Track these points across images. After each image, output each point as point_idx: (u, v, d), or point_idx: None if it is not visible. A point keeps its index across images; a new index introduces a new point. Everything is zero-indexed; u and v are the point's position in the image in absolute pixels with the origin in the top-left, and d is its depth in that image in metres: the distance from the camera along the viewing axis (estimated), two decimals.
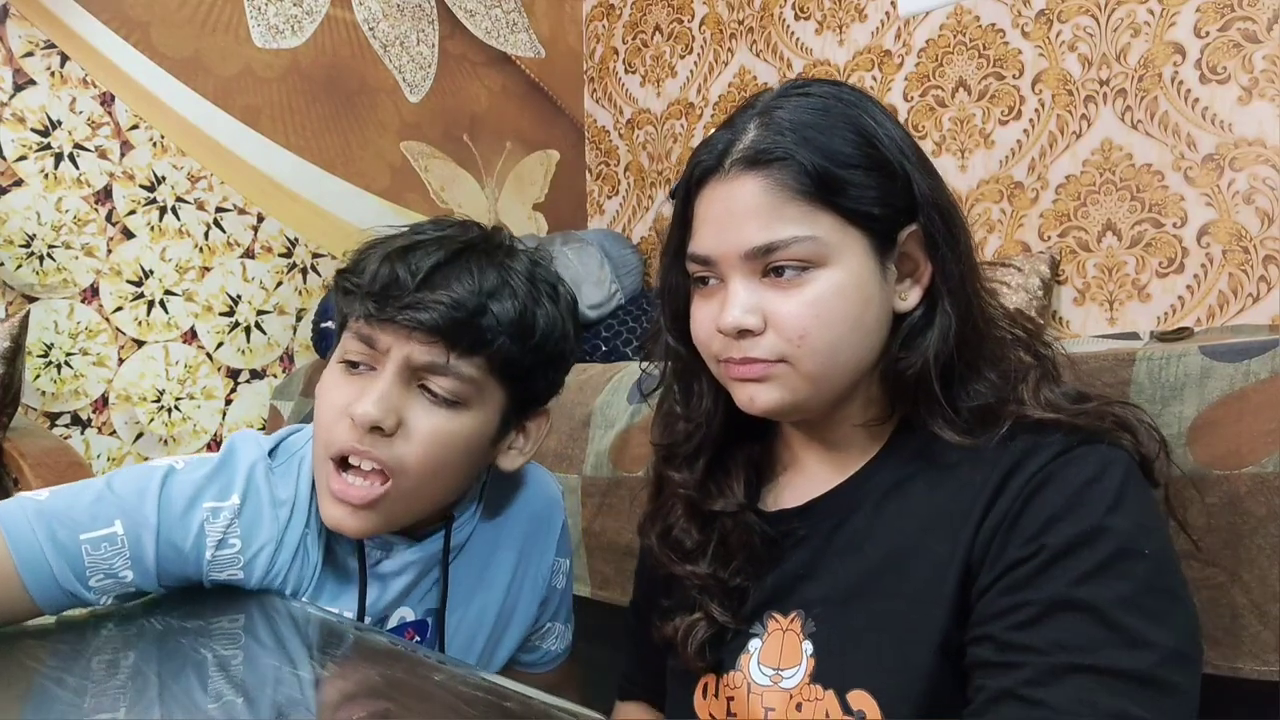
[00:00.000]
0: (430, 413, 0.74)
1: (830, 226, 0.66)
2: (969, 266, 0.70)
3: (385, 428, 0.72)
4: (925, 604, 0.64)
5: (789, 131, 0.67)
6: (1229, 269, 1.77)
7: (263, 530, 0.76)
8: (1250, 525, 0.80)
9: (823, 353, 0.67)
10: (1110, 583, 0.58)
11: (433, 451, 0.74)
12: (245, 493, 0.76)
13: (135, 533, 0.71)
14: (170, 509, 0.73)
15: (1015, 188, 2.05)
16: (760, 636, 0.73)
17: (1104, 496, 0.60)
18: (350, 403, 0.73)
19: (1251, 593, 0.79)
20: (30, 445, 1.60)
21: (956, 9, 2.13)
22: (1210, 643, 0.81)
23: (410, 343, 0.72)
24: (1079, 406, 0.66)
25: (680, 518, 0.77)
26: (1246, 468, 0.80)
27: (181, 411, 2.20)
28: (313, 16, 2.41)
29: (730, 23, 2.56)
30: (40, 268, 2.03)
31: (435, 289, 0.72)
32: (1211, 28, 1.78)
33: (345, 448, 0.73)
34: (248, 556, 0.76)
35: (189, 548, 0.73)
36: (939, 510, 0.66)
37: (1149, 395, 0.87)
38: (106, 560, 0.70)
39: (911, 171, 0.68)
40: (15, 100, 2.00)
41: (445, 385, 0.73)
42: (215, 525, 0.74)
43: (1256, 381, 0.83)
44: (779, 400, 0.68)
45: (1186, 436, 0.84)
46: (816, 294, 0.66)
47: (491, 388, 0.76)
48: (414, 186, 2.59)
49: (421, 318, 0.71)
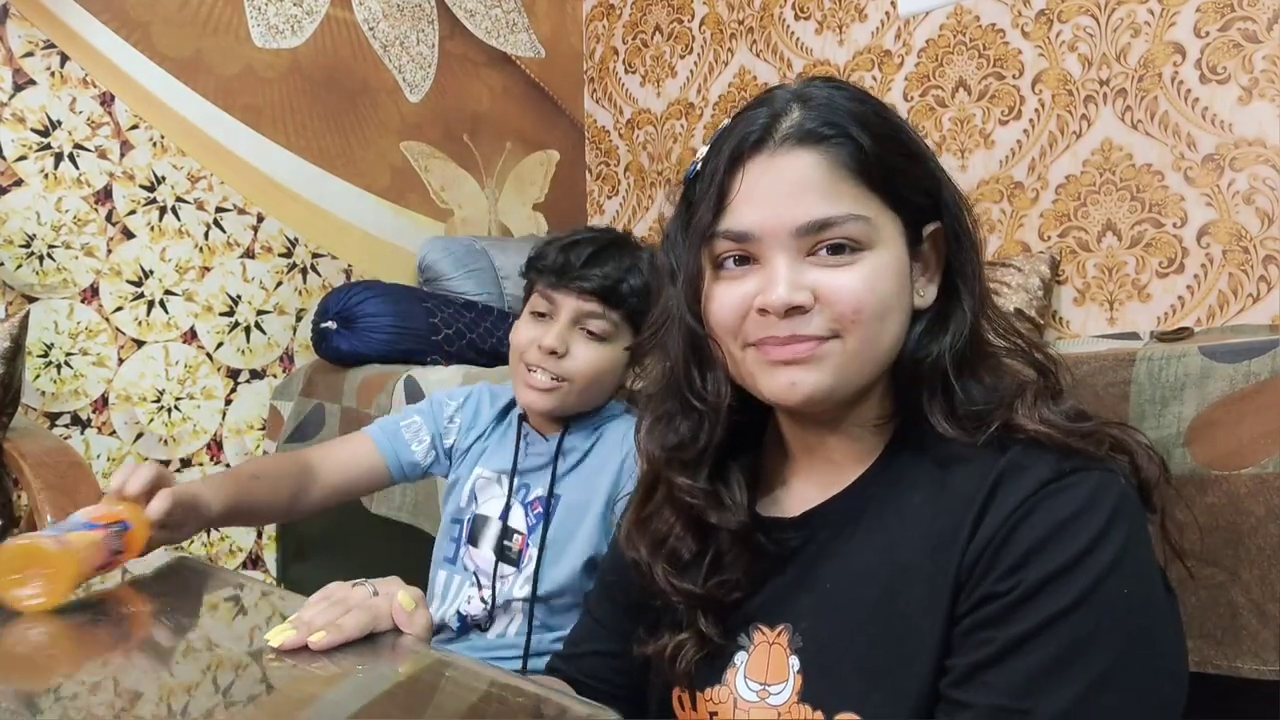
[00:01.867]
0: (587, 344, 1.14)
1: (879, 210, 0.66)
2: (981, 269, 0.70)
3: (559, 352, 1.13)
4: (917, 626, 0.63)
5: (841, 113, 0.66)
6: (1229, 269, 1.78)
7: (481, 418, 1.30)
8: (1250, 525, 0.80)
9: (872, 331, 0.66)
10: (1073, 624, 0.57)
11: (588, 368, 1.14)
12: (469, 397, 1.32)
13: (421, 416, 1.29)
14: (435, 406, 1.31)
15: (1015, 188, 2.05)
16: (747, 649, 0.71)
17: (1087, 530, 0.59)
18: (539, 337, 1.14)
19: (1251, 592, 0.80)
20: (30, 445, 1.60)
21: (956, 9, 2.13)
22: (1210, 642, 0.81)
23: (578, 300, 1.13)
24: (1075, 425, 0.64)
25: (677, 526, 0.74)
26: (1246, 468, 0.80)
27: (181, 411, 2.20)
28: (313, 16, 2.41)
29: (730, 23, 2.56)
30: (40, 268, 2.03)
31: (592, 267, 1.12)
32: (1211, 28, 1.78)
33: (533, 362, 1.14)
34: (467, 429, 1.29)
35: (444, 422, 1.29)
36: (930, 528, 0.65)
37: (1149, 395, 0.88)
38: (414, 433, 1.27)
39: (938, 170, 0.69)
40: (15, 100, 2.00)
41: (598, 326, 1.14)
42: (450, 410, 1.31)
43: (1256, 382, 0.83)
44: (822, 384, 0.66)
45: (1186, 437, 0.84)
46: (871, 271, 0.65)
47: (625, 331, 1.15)
48: (414, 186, 2.59)
49: (585, 285, 1.12)
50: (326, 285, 2.39)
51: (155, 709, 0.57)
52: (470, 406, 1.30)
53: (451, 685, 0.60)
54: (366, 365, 2.08)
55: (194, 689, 0.60)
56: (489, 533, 1.20)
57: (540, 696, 0.57)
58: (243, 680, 0.63)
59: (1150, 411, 0.87)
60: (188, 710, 0.57)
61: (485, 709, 0.56)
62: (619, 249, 1.16)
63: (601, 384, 1.17)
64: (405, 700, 0.60)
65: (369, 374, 2.02)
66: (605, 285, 1.12)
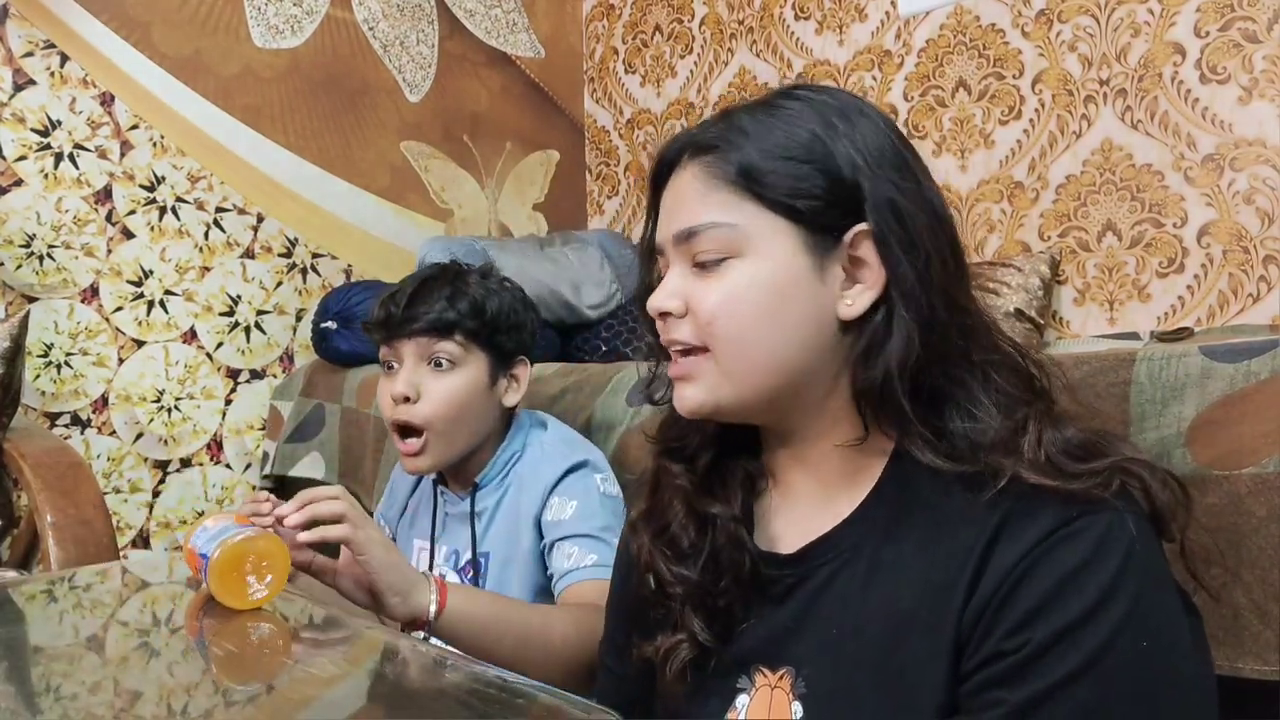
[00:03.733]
0: (439, 379, 1.17)
1: (753, 215, 0.66)
2: (941, 276, 0.65)
3: (411, 397, 1.16)
4: (918, 679, 0.61)
5: (732, 123, 0.68)
6: (1229, 269, 1.78)
7: (397, 496, 1.35)
8: (1251, 525, 0.80)
9: (733, 343, 0.67)
10: (1090, 686, 0.55)
11: (443, 403, 1.16)
12: (387, 490, 1.38)
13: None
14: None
15: (1015, 188, 2.05)
16: (748, 692, 0.70)
17: (1096, 583, 0.56)
18: (390, 388, 1.17)
19: (1252, 592, 0.79)
20: (30, 445, 1.59)
21: (956, 9, 2.13)
22: (1212, 642, 0.81)
23: (412, 341, 1.17)
24: (1083, 468, 0.60)
25: (679, 514, 0.75)
26: (1247, 468, 0.80)
27: (181, 411, 2.20)
28: (313, 16, 2.41)
29: (730, 23, 2.56)
30: (40, 268, 2.03)
31: (415, 307, 1.17)
32: (1211, 28, 1.78)
33: (394, 421, 1.17)
34: (393, 517, 1.34)
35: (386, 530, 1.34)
36: (928, 576, 0.62)
37: (1149, 395, 0.87)
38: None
39: (862, 172, 0.65)
40: (15, 100, 2.00)
41: (444, 353, 1.17)
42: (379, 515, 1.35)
43: (1256, 381, 0.83)
44: (701, 399, 0.68)
45: (1186, 437, 0.84)
46: (731, 283, 0.66)
47: (475, 351, 1.19)
48: (414, 186, 2.59)
49: (414, 326, 1.17)
50: (326, 285, 2.39)
51: (155, 709, 0.57)
52: (386, 497, 1.37)
53: (451, 685, 0.60)
54: (366, 365, 2.07)
55: (194, 689, 0.60)
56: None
57: (539, 697, 0.57)
58: (243, 680, 0.63)
59: (1150, 411, 0.87)
60: (187, 710, 0.57)
61: (484, 709, 0.56)
62: (437, 280, 1.19)
63: (467, 416, 1.18)
64: (404, 700, 0.60)
65: (369, 374, 2.02)
66: (431, 319, 1.16)
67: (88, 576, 0.99)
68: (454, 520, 1.24)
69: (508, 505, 1.20)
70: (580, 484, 1.18)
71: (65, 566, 1.32)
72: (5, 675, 0.63)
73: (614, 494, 1.20)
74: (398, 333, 1.17)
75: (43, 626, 0.78)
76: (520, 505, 1.18)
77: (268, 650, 0.70)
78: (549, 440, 1.24)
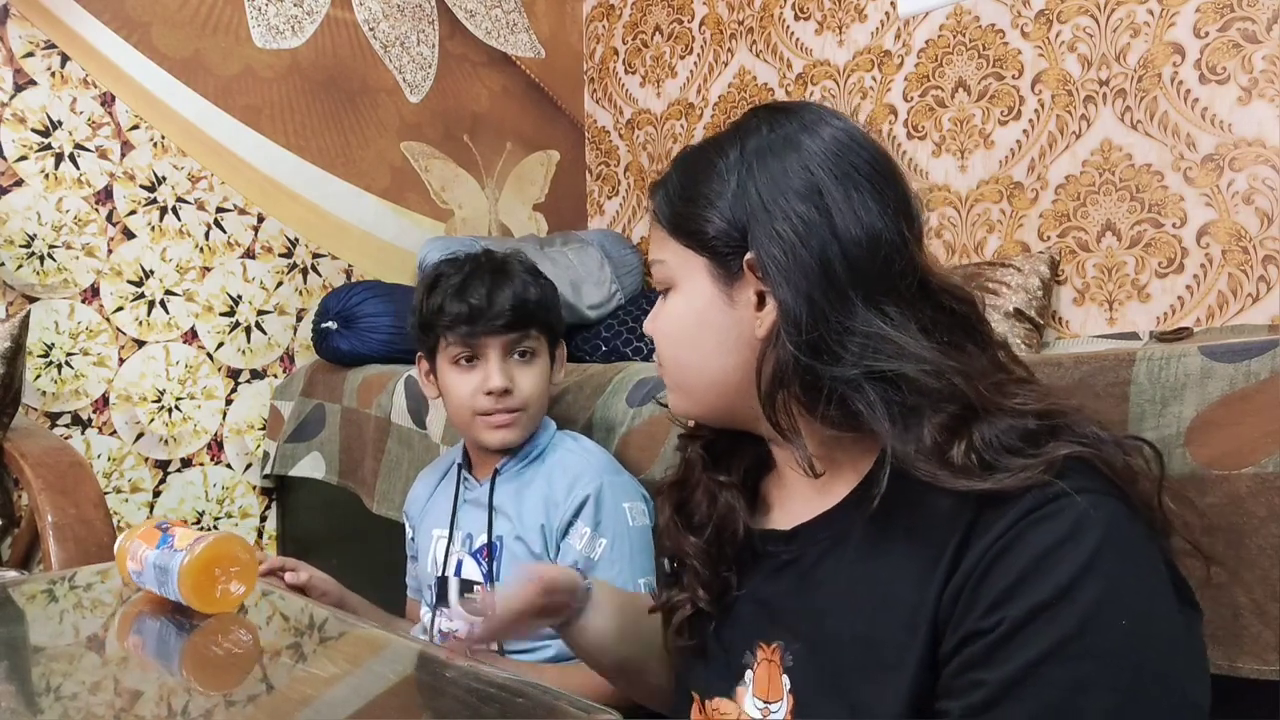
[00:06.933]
0: (525, 369, 1.23)
1: (675, 251, 0.74)
2: (826, 297, 0.65)
3: (511, 389, 1.21)
4: (894, 659, 0.62)
5: (673, 163, 0.77)
6: (1229, 269, 1.78)
7: (420, 491, 1.41)
8: (1251, 525, 0.80)
9: (669, 363, 0.77)
10: (1069, 664, 0.55)
11: (535, 391, 1.23)
12: (410, 499, 1.44)
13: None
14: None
15: (1015, 188, 2.05)
16: (752, 667, 0.73)
17: (1073, 559, 0.56)
18: (482, 383, 1.21)
19: (1252, 592, 0.79)
20: (30, 445, 1.60)
21: (956, 9, 2.13)
22: (1211, 642, 0.81)
23: (500, 336, 1.21)
24: (1022, 461, 0.60)
25: (696, 489, 0.81)
26: (1247, 468, 0.80)
27: (182, 411, 2.20)
28: (313, 17, 2.41)
29: (730, 23, 2.56)
30: (41, 268, 2.03)
31: (496, 302, 1.20)
32: (1211, 28, 1.78)
33: (485, 407, 1.21)
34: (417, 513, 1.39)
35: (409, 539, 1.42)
36: (914, 555, 0.63)
37: (1149, 395, 0.88)
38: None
39: (756, 207, 0.68)
40: (15, 100, 2.00)
41: (528, 347, 1.24)
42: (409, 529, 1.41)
43: (1256, 381, 0.83)
44: (675, 408, 0.79)
45: (1186, 437, 0.84)
46: (666, 312, 0.76)
47: (543, 340, 1.26)
48: (414, 186, 2.59)
49: (499, 321, 1.20)
50: (327, 285, 2.39)
51: (155, 709, 0.57)
52: (410, 503, 1.42)
53: (450, 685, 0.60)
54: (367, 365, 2.08)
55: (194, 689, 0.60)
56: (452, 591, 1.26)
57: (539, 696, 0.57)
58: (243, 680, 0.63)
59: (1150, 411, 0.87)
60: (188, 710, 0.57)
61: (484, 709, 0.56)
62: (504, 274, 1.23)
63: (544, 399, 1.27)
64: (404, 700, 0.60)
65: (369, 374, 2.02)
66: (516, 312, 1.20)
67: (88, 576, 0.99)
68: (471, 506, 1.27)
69: (530, 496, 1.23)
70: (611, 517, 1.18)
71: (66, 566, 1.32)
72: (5, 675, 0.63)
73: (643, 524, 1.19)
74: (484, 326, 1.19)
75: (43, 626, 0.78)
76: (545, 499, 1.21)
77: (263, 652, 0.70)
78: (589, 446, 1.29)
